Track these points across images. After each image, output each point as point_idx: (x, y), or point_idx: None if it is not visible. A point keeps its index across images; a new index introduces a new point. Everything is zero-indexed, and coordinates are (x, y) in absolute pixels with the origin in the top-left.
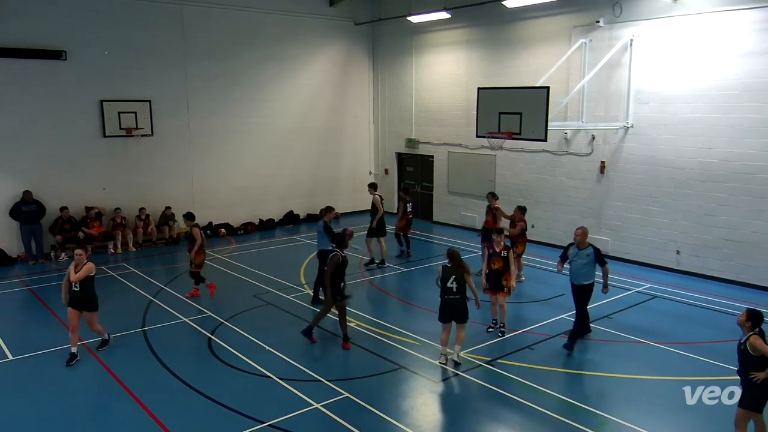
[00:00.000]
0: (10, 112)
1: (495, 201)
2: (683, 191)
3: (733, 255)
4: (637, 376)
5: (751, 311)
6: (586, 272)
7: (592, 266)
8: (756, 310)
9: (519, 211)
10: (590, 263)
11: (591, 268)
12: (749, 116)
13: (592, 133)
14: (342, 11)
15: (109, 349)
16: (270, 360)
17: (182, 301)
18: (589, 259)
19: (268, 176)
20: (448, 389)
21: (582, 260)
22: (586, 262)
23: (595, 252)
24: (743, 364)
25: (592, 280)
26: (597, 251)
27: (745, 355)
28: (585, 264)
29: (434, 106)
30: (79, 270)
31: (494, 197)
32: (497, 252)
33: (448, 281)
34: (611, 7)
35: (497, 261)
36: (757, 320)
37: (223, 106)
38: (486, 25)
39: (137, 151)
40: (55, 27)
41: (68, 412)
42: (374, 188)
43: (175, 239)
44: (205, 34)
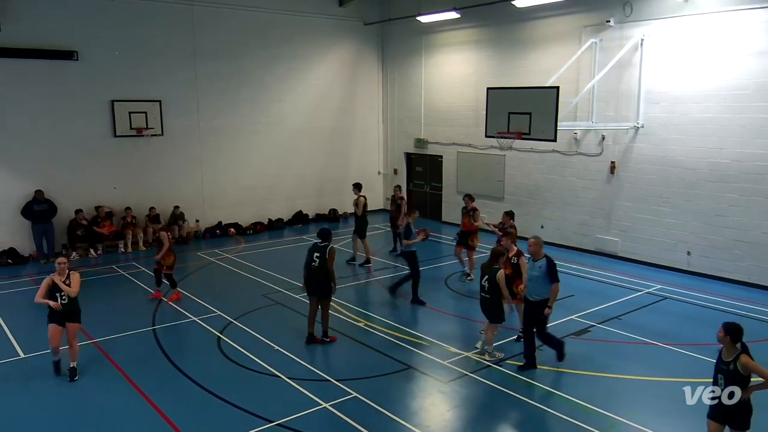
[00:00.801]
0: (22, 112)
1: (471, 202)
2: (694, 192)
3: (743, 256)
4: (647, 377)
5: (727, 326)
6: (537, 287)
7: (544, 281)
8: (733, 325)
9: (508, 217)
10: (542, 277)
11: (543, 282)
12: (761, 116)
13: (602, 134)
14: (351, 11)
15: (120, 348)
16: (279, 359)
17: (191, 301)
18: (541, 272)
19: (276, 176)
20: (457, 390)
21: (535, 273)
22: (538, 275)
23: (547, 265)
24: (728, 381)
25: (544, 297)
26: (549, 264)
27: (736, 374)
28: (537, 278)
29: (443, 106)
30: (68, 281)
31: (470, 198)
32: (508, 258)
33: (482, 279)
34: (622, 6)
35: (507, 267)
36: (736, 334)
37: (232, 105)
38: (495, 25)
39: (147, 151)
40: (66, 27)
41: (79, 410)
42: (359, 189)
43: (185, 238)
44: (214, 34)
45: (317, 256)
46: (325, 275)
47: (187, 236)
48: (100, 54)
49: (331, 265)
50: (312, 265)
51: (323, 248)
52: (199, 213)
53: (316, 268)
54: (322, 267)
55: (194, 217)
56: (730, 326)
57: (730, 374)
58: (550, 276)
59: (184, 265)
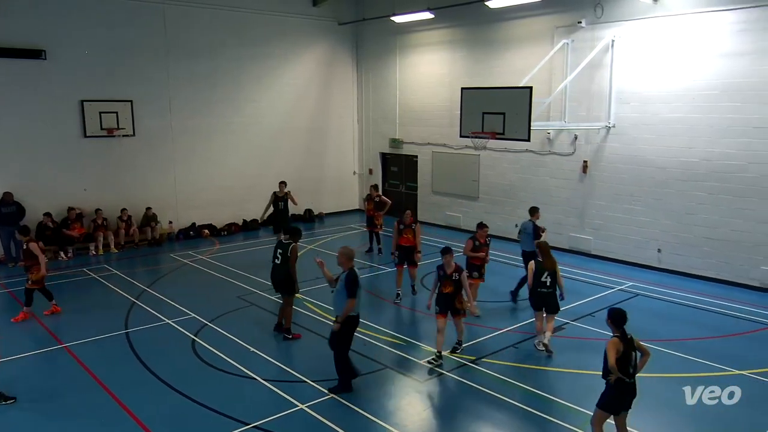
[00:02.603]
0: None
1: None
2: (664, 190)
3: (713, 253)
4: None
5: (610, 311)
6: (337, 301)
7: (342, 295)
8: (614, 309)
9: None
10: (341, 291)
11: (341, 297)
12: (728, 116)
13: (575, 133)
14: (326, 11)
15: (92, 353)
16: (254, 361)
17: (165, 303)
18: (341, 286)
19: (252, 176)
20: (434, 389)
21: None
22: (339, 289)
23: (346, 278)
24: (604, 364)
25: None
26: (348, 278)
27: (604, 356)
28: (338, 291)
29: (418, 106)
30: None
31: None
32: (448, 274)
33: (542, 276)
34: (593, 8)
35: (448, 284)
36: (616, 319)
37: (206, 105)
38: (469, 26)
39: (119, 152)
40: (34, 26)
41: (50, 415)
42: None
43: (158, 240)
44: (187, 34)
45: (280, 252)
46: (287, 272)
47: (160, 238)
48: (69, 53)
49: (292, 263)
50: (275, 261)
51: (286, 245)
52: (173, 214)
53: (278, 264)
54: (284, 263)
55: (167, 219)
56: (611, 311)
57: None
58: (347, 289)
59: (157, 267)
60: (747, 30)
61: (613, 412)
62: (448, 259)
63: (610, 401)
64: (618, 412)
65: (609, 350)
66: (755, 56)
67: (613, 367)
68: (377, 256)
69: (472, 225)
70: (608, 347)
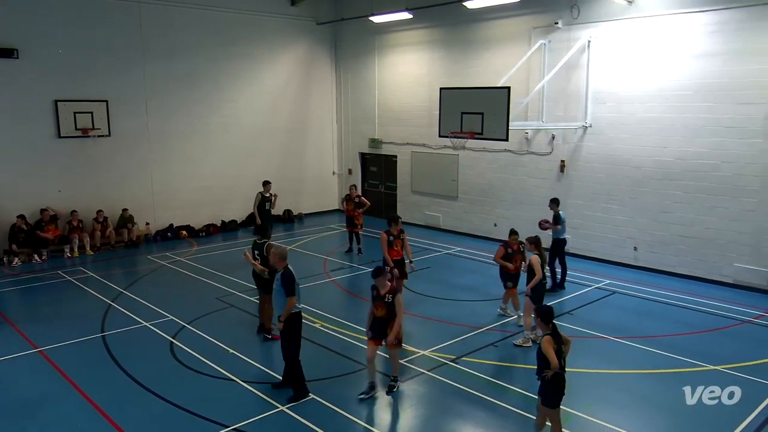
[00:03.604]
0: None
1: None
2: (640, 189)
3: (688, 251)
4: (598, 370)
5: (537, 309)
6: (277, 301)
7: (281, 295)
8: (542, 308)
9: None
10: (279, 290)
11: (280, 296)
12: (702, 116)
13: (552, 133)
14: (304, 11)
15: (67, 357)
16: (233, 363)
17: (143, 305)
18: (278, 286)
19: (231, 177)
20: (413, 388)
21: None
22: (276, 288)
23: (282, 277)
24: (538, 361)
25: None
26: (284, 277)
27: (539, 354)
28: (276, 291)
29: (397, 106)
30: None
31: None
32: (381, 295)
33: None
34: (569, 9)
35: (381, 307)
36: (545, 316)
37: (184, 106)
38: (448, 26)
39: (94, 152)
40: (7, 24)
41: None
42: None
43: (134, 242)
44: (163, 33)
45: (257, 253)
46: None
47: (137, 239)
48: (42, 52)
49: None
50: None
51: (261, 245)
52: (149, 215)
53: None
54: (263, 264)
55: (144, 220)
56: (539, 309)
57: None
58: (285, 289)
59: (134, 269)
60: (719, 31)
61: (556, 406)
62: (381, 280)
63: (554, 396)
64: (552, 407)
65: (546, 349)
66: (727, 57)
67: (556, 365)
68: (357, 256)
69: (452, 224)
70: (544, 346)
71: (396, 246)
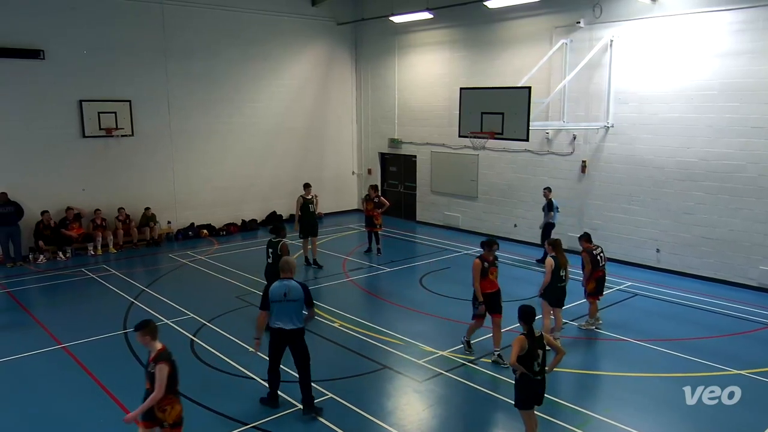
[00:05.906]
0: None
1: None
2: (662, 190)
3: (711, 253)
4: (619, 373)
5: (519, 309)
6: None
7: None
8: (523, 306)
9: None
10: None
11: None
12: (726, 116)
13: (573, 133)
14: (324, 11)
15: (91, 353)
16: (253, 361)
17: (164, 303)
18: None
19: (250, 176)
20: (432, 388)
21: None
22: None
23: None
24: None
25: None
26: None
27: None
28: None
29: (417, 106)
30: None
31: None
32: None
33: (559, 271)
34: (591, 8)
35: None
36: (525, 316)
37: (204, 105)
38: (468, 26)
39: (117, 152)
40: (32, 26)
41: (49, 417)
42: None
43: (156, 240)
44: (185, 34)
45: (271, 251)
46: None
47: (159, 238)
48: (67, 53)
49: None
50: (268, 260)
51: (276, 243)
52: (171, 214)
53: (271, 263)
54: (276, 261)
55: (166, 219)
56: (520, 309)
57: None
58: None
59: (156, 267)
60: (744, 30)
61: (527, 407)
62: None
63: (519, 396)
64: (531, 407)
65: (513, 347)
66: (753, 56)
67: (513, 363)
68: (376, 256)
69: (471, 225)
70: (513, 344)
71: (491, 275)
